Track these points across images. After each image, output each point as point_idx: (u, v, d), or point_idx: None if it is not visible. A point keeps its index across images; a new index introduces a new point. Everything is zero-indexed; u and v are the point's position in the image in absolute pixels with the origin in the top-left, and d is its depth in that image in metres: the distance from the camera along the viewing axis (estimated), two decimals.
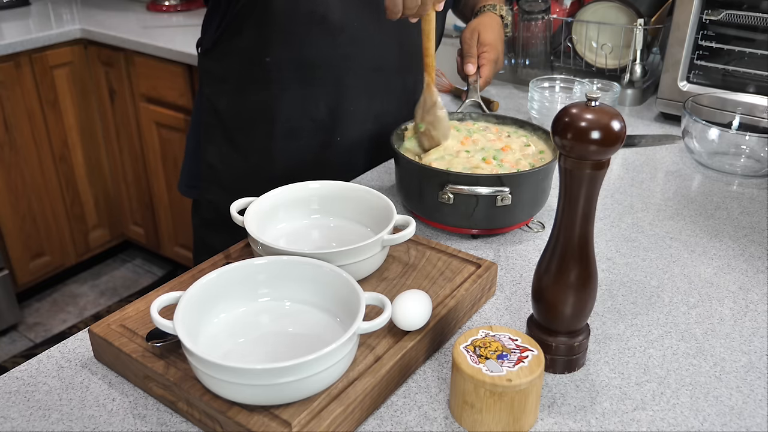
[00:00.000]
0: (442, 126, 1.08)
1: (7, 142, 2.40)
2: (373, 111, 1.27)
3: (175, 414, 0.71)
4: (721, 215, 1.13)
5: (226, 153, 1.28)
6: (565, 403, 0.73)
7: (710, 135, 1.26)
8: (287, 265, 0.78)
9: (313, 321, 0.77)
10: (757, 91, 1.37)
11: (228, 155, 1.28)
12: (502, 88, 1.72)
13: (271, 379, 0.63)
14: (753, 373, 0.78)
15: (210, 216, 1.34)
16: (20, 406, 0.72)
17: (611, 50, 1.57)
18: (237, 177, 1.28)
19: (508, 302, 0.90)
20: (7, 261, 2.49)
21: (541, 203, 1.05)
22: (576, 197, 0.70)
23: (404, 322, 0.74)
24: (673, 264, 0.99)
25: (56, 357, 0.79)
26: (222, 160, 1.29)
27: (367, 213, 0.94)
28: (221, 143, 1.28)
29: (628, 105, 1.59)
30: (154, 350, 0.73)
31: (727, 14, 1.37)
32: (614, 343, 0.82)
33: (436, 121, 1.07)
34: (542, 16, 1.62)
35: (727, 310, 0.89)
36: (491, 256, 1.00)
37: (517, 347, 0.70)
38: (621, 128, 0.66)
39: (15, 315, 2.56)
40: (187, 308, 0.70)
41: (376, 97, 1.26)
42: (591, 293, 0.74)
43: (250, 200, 0.92)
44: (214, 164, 1.30)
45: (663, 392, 0.75)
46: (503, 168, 1.03)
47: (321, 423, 0.64)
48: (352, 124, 1.25)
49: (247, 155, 1.26)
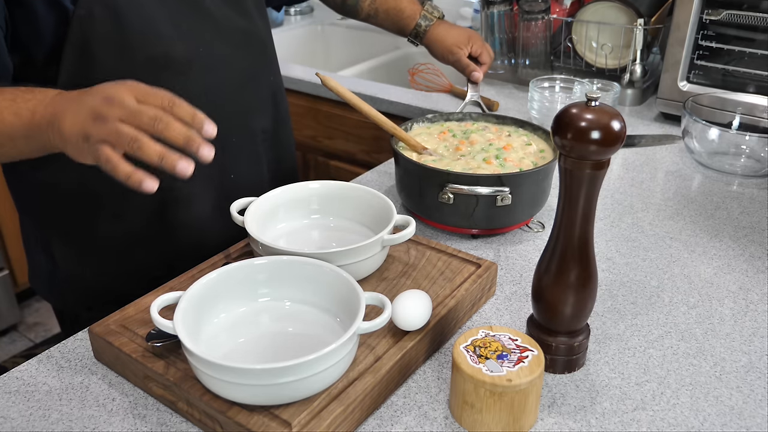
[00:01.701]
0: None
1: None
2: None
3: (175, 414, 0.71)
4: (721, 215, 1.13)
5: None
6: (565, 403, 0.73)
7: (710, 135, 1.26)
8: (287, 265, 0.78)
9: (313, 321, 0.77)
10: (757, 91, 1.37)
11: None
12: (502, 88, 1.71)
13: (271, 379, 0.63)
14: (753, 373, 0.78)
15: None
16: (20, 406, 0.72)
17: (611, 50, 1.57)
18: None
19: (508, 302, 0.90)
20: (7, 261, 2.49)
21: (541, 203, 1.05)
22: (576, 197, 0.70)
23: (404, 322, 0.74)
24: (673, 264, 0.99)
25: (56, 357, 0.79)
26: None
27: (367, 213, 0.94)
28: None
29: (628, 105, 1.59)
30: (154, 350, 0.73)
31: (727, 14, 1.37)
32: (614, 343, 0.82)
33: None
34: (542, 16, 1.62)
35: (727, 310, 0.89)
36: (491, 256, 1.00)
37: (517, 347, 0.70)
38: (621, 128, 0.66)
39: (15, 315, 2.56)
40: (187, 308, 0.70)
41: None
42: (591, 293, 0.74)
43: (250, 200, 0.92)
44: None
45: (663, 392, 0.75)
46: (506, 167, 1.03)
47: (321, 423, 0.64)
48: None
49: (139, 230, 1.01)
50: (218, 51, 0.99)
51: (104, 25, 0.86)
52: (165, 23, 0.91)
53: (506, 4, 1.67)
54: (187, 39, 0.95)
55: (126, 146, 0.69)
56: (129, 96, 0.71)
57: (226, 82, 1.01)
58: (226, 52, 1.00)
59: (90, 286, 1.03)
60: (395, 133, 1.07)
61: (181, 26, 0.94)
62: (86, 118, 0.71)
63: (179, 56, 0.93)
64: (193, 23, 0.96)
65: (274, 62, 1.14)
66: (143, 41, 0.89)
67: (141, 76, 0.85)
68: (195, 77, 0.96)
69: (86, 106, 0.72)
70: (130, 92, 0.71)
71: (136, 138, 0.68)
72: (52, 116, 0.74)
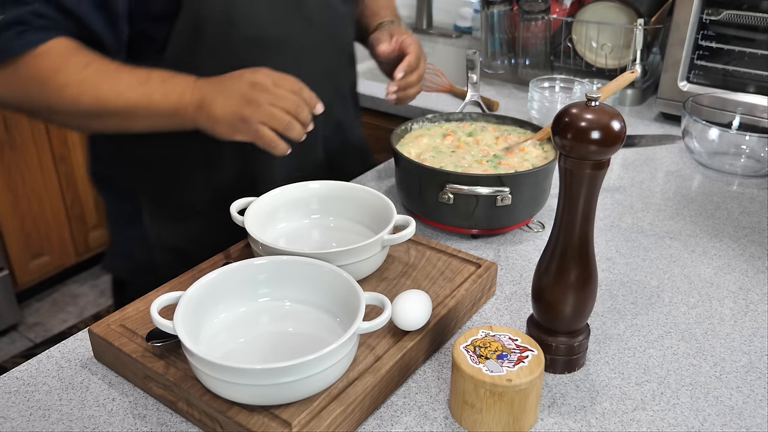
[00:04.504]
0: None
1: (7, 142, 2.40)
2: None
3: (175, 414, 0.71)
4: (721, 215, 1.13)
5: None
6: (565, 403, 0.73)
7: (710, 135, 1.26)
8: (287, 265, 0.78)
9: (313, 321, 0.77)
10: (757, 91, 1.37)
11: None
12: (502, 88, 1.71)
13: (271, 379, 0.63)
14: (753, 373, 0.78)
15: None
16: (20, 406, 0.72)
17: (611, 50, 1.57)
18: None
19: (508, 302, 0.90)
20: (7, 261, 2.49)
21: (541, 203, 1.05)
22: (576, 197, 0.70)
23: (404, 322, 0.74)
24: (673, 264, 0.99)
25: (56, 357, 0.79)
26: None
27: (367, 213, 0.94)
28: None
29: (628, 105, 1.59)
30: (154, 350, 0.73)
31: (728, 14, 1.37)
32: (614, 343, 0.82)
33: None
34: (542, 16, 1.62)
35: (727, 310, 0.89)
36: (491, 256, 1.00)
37: (517, 347, 0.70)
38: (621, 128, 0.66)
39: (15, 315, 2.56)
40: (187, 308, 0.70)
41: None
42: (591, 293, 0.74)
43: (250, 200, 0.92)
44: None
45: (663, 392, 0.75)
46: (500, 169, 1.03)
47: (321, 423, 0.64)
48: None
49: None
50: (307, 39, 1.04)
51: (214, 4, 0.93)
52: (264, 7, 0.98)
53: (506, 4, 1.67)
54: (280, 24, 1.01)
55: (281, 127, 0.86)
56: (269, 81, 0.87)
57: (311, 68, 1.06)
58: (313, 41, 1.06)
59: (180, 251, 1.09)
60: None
61: (277, 12, 1.00)
62: (239, 102, 0.86)
63: (271, 39, 1.00)
64: (288, 10, 1.01)
65: (353, 58, 1.19)
66: (243, 21, 0.96)
67: (239, 52, 0.99)
68: (284, 60, 1.00)
69: (236, 92, 0.86)
70: (269, 77, 0.87)
71: (291, 122, 0.87)
72: (201, 100, 0.87)
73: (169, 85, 0.88)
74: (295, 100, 0.87)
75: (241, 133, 0.87)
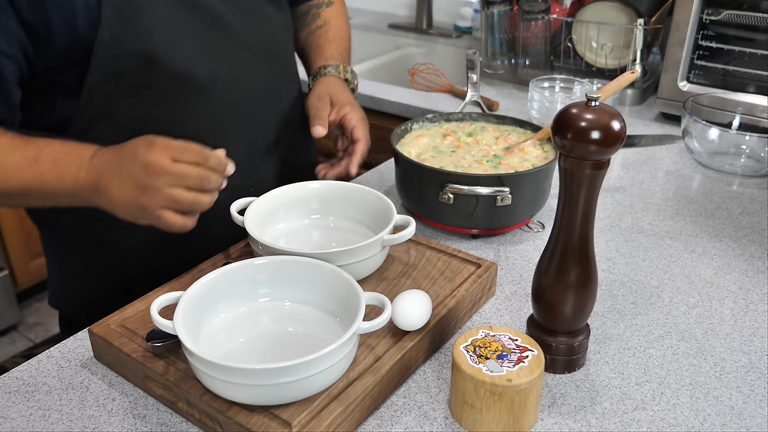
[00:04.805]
0: None
1: None
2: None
3: (175, 414, 0.71)
4: (721, 215, 1.13)
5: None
6: (565, 403, 0.73)
7: (710, 135, 1.26)
8: (287, 265, 0.78)
9: (313, 321, 0.77)
10: (757, 91, 1.37)
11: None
12: (502, 88, 1.71)
13: (271, 379, 0.63)
14: (753, 373, 0.78)
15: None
16: (20, 406, 0.72)
17: (611, 50, 1.57)
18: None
19: (508, 302, 0.90)
20: (7, 261, 2.49)
21: (541, 203, 1.05)
22: (576, 197, 0.70)
23: (404, 322, 0.74)
24: (673, 264, 0.99)
25: (56, 357, 0.79)
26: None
27: (367, 213, 0.94)
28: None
29: (628, 105, 1.59)
30: (154, 350, 0.73)
31: (728, 14, 1.37)
32: (614, 343, 0.82)
33: None
34: (542, 16, 1.62)
35: (727, 310, 0.89)
36: (491, 256, 1.00)
37: (517, 347, 0.70)
38: (621, 128, 0.66)
39: (15, 315, 2.56)
40: (187, 308, 0.70)
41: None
42: (591, 293, 0.74)
43: (250, 200, 0.92)
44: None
45: (663, 392, 0.75)
46: (500, 169, 1.03)
47: (321, 423, 0.64)
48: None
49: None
50: (241, 66, 0.98)
51: (129, 46, 0.85)
52: (187, 42, 0.90)
53: (506, 4, 1.67)
54: (210, 56, 0.93)
55: (185, 208, 0.77)
56: (166, 159, 0.76)
57: (250, 97, 1.00)
58: (249, 67, 0.99)
59: (101, 290, 1.02)
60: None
61: (203, 44, 0.93)
62: (134, 190, 0.76)
63: (202, 74, 0.92)
64: (216, 39, 0.94)
65: (295, 72, 1.13)
66: (167, 61, 0.88)
67: (166, 93, 0.89)
68: (219, 93, 0.95)
69: (130, 177, 0.76)
70: (165, 153, 0.76)
71: (195, 200, 0.77)
72: (96, 183, 0.78)
73: (62, 164, 0.79)
74: (198, 174, 0.77)
75: (140, 220, 0.79)
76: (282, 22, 1.06)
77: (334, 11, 1.23)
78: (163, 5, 0.88)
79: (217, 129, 0.97)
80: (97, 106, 0.88)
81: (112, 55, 0.84)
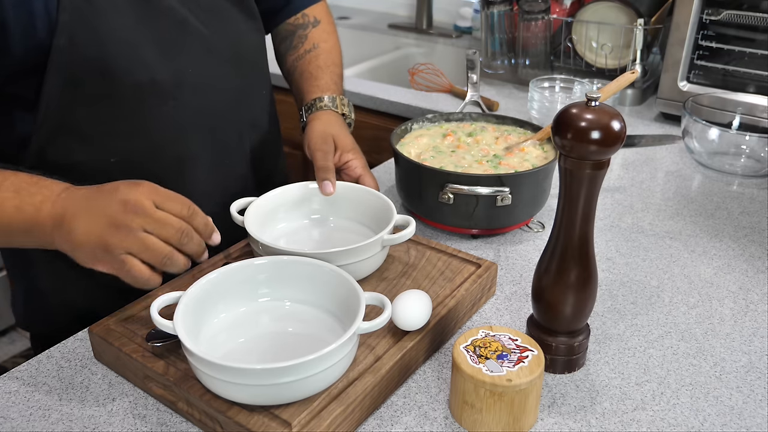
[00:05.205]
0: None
1: None
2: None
3: (175, 414, 0.71)
4: (721, 215, 1.13)
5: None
6: (565, 403, 0.73)
7: (710, 135, 1.26)
8: (287, 265, 0.78)
9: (313, 321, 0.77)
10: (757, 91, 1.37)
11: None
12: (502, 88, 1.71)
13: (271, 379, 0.63)
14: (753, 373, 0.78)
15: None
16: (20, 406, 0.72)
17: (611, 50, 1.57)
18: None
19: (508, 302, 0.90)
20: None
21: (541, 203, 1.05)
22: (576, 197, 0.70)
23: (404, 322, 0.74)
24: (673, 264, 0.99)
25: (56, 357, 0.79)
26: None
27: (367, 213, 0.94)
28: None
29: (628, 105, 1.59)
30: (154, 350, 0.73)
31: (728, 14, 1.37)
32: (614, 343, 0.82)
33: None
34: (542, 16, 1.62)
35: (727, 310, 0.89)
36: (491, 256, 1.00)
37: (517, 347, 0.70)
38: (621, 128, 0.66)
39: None
40: (187, 308, 0.70)
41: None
42: (591, 293, 0.74)
43: (250, 200, 0.92)
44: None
45: (663, 392, 0.75)
46: (500, 169, 1.03)
47: (321, 423, 0.64)
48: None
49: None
50: (208, 71, 0.93)
51: (87, 52, 0.80)
52: (149, 47, 0.86)
53: (506, 4, 1.67)
54: (174, 62, 0.88)
55: (156, 261, 0.69)
56: (148, 201, 0.69)
57: (218, 103, 0.96)
58: (216, 72, 0.95)
59: (70, 308, 0.97)
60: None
61: (167, 49, 0.88)
62: (105, 226, 0.68)
63: (166, 80, 0.87)
64: (180, 44, 0.90)
65: (266, 74, 1.09)
66: (127, 68, 0.83)
67: (128, 102, 0.84)
68: (185, 100, 0.91)
69: (103, 213, 0.69)
70: (149, 197, 0.70)
71: (169, 255, 0.69)
72: (60, 217, 0.71)
73: (25, 194, 0.72)
74: (180, 227, 0.70)
75: (101, 264, 0.70)
76: (251, 26, 1.02)
77: (322, 32, 1.15)
78: (123, 8, 0.83)
79: (181, 138, 0.93)
80: (56, 118, 0.83)
81: (70, 60, 0.79)
